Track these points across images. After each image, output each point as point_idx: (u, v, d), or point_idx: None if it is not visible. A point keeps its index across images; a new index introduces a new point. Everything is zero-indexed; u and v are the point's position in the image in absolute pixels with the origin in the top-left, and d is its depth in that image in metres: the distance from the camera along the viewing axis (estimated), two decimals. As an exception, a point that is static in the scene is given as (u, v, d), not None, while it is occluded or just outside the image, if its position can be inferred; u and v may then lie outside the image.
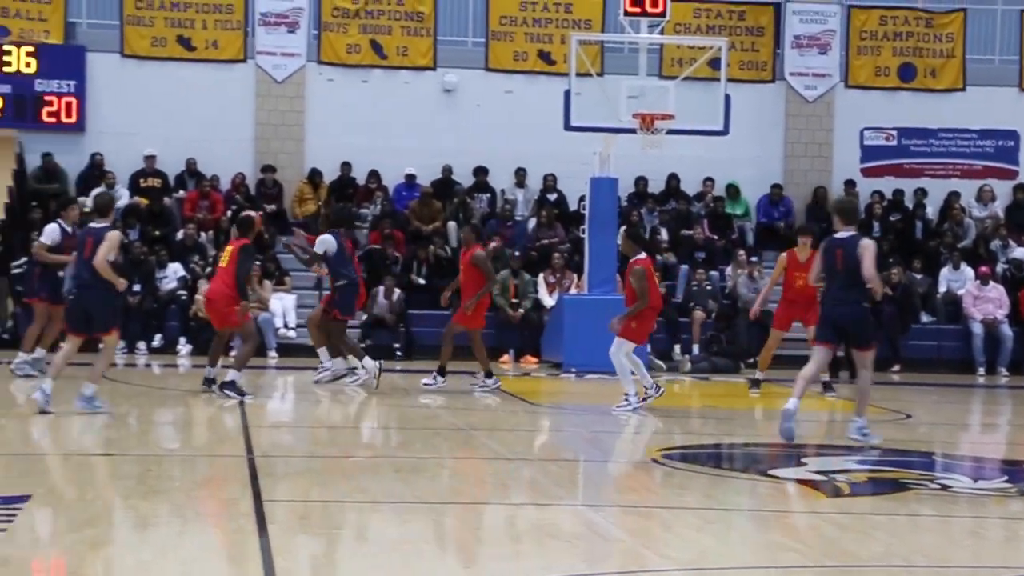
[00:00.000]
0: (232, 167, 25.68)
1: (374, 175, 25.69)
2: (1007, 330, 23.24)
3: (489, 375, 17.22)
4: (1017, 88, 26.99)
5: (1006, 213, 26.27)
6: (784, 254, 17.71)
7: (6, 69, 25.08)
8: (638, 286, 14.62)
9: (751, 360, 22.59)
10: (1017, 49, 27.06)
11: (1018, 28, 27.03)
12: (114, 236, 13.56)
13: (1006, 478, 11.67)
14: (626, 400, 14.77)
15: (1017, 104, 26.92)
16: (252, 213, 17.39)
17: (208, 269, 22.28)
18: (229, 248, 15.80)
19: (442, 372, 17.13)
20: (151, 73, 25.90)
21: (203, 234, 24.35)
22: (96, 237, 13.41)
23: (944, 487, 10.85)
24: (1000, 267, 24.78)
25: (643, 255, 15.05)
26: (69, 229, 16.63)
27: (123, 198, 24.38)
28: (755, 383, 18.10)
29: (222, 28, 26.13)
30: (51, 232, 16.87)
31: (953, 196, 26.28)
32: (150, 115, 25.54)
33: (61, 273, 16.96)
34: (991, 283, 23.68)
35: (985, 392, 20.94)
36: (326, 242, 17.05)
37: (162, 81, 25.80)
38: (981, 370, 23.03)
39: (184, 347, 22.50)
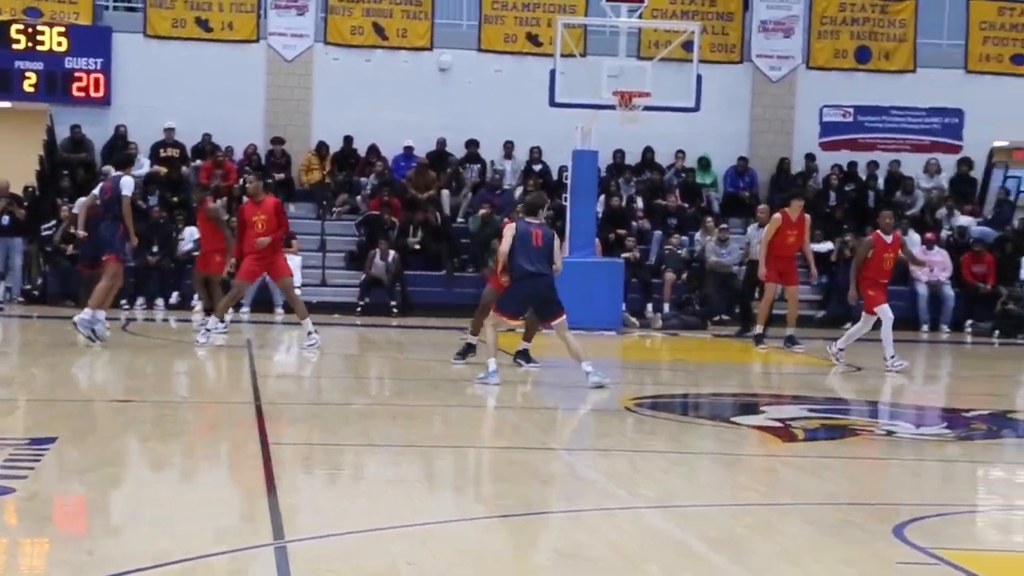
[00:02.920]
0: (245, 139, 25.58)
1: (374, 148, 25.64)
2: (949, 291, 23.29)
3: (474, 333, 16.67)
4: (963, 70, 26.93)
5: (950, 184, 26.27)
6: (778, 214, 17.76)
7: (39, 48, 25.00)
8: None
9: (717, 318, 22.68)
10: (963, 34, 26.97)
11: (964, 14, 26.94)
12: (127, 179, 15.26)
13: (945, 424, 11.73)
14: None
15: (962, 84, 26.85)
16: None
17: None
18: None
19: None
20: (172, 52, 25.76)
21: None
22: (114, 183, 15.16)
23: (889, 433, 10.92)
24: (944, 233, 24.80)
25: None
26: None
27: (144, 166, 24.31)
28: (759, 338, 18.12)
29: (237, 11, 25.99)
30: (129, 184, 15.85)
31: (900, 167, 26.25)
32: (170, 91, 25.39)
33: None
34: (936, 248, 23.73)
35: (928, 347, 20.98)
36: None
37: (181, 60, 25.66)
38: (925, 327, 23.09)
39: (199, 303, 22.41)
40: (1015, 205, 26.23)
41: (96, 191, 16.20)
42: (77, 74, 25.18)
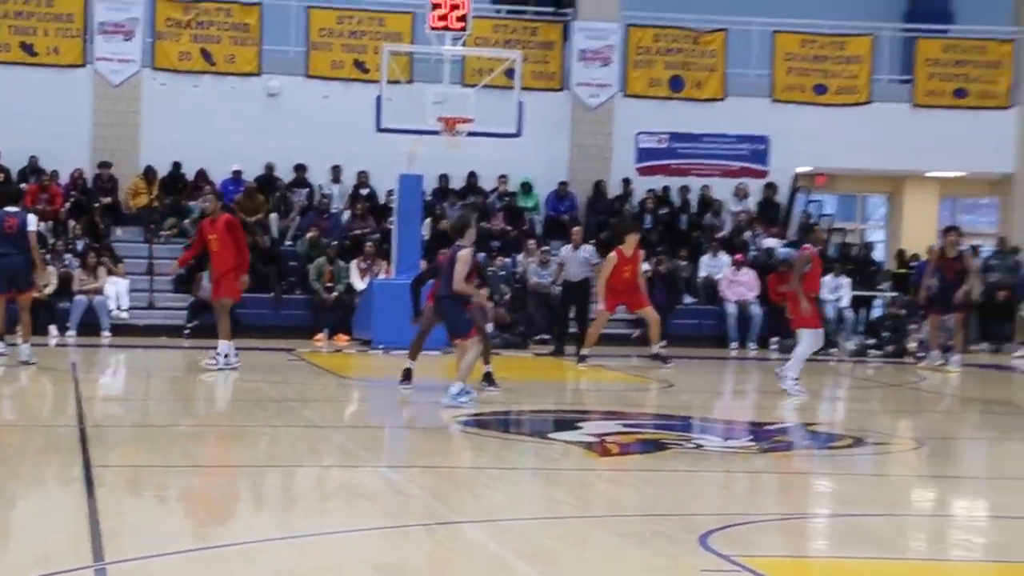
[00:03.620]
0: (71, 163, 25.01)
1: (203, 172, 25.31)
2: (757, 309, 23.82)
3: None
4: (769, 98, 27.59)
5: (758, 208, 26.87)
6: (613, 253, 18.39)
7: None
8: None
9: (537, 337, 22.88)
10: (770, 64, 27.65)
11: (770, 46, 27.61)
12: None
13: (751, 437, 11.98)
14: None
15: (769, 113, 27.48)
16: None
17: (48, 255, 21.74)
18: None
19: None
20: (-3, 76, 25.18)
21: (42, 224, 23.68)
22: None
23: (699, 446, 11.13)
24: (752, 254, 25.37)
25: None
26: None
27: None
28: (582, 358, 18.45)
29: (63, 36, 25.44)
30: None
31: (711, 191, 26.78)
32: (-4, 115, 24.81)
33: None
34: (744, 268, 24.27)
35: (737, 364, 21.43)
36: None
37: (6, 84, 25.01)
38: (734, 344, 23.60)
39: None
40: (814, 227, 26.90)
41: None
42: (-99, 98, 24.38)
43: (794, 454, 11.08)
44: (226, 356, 16.08)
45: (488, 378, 14.36)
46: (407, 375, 14.17)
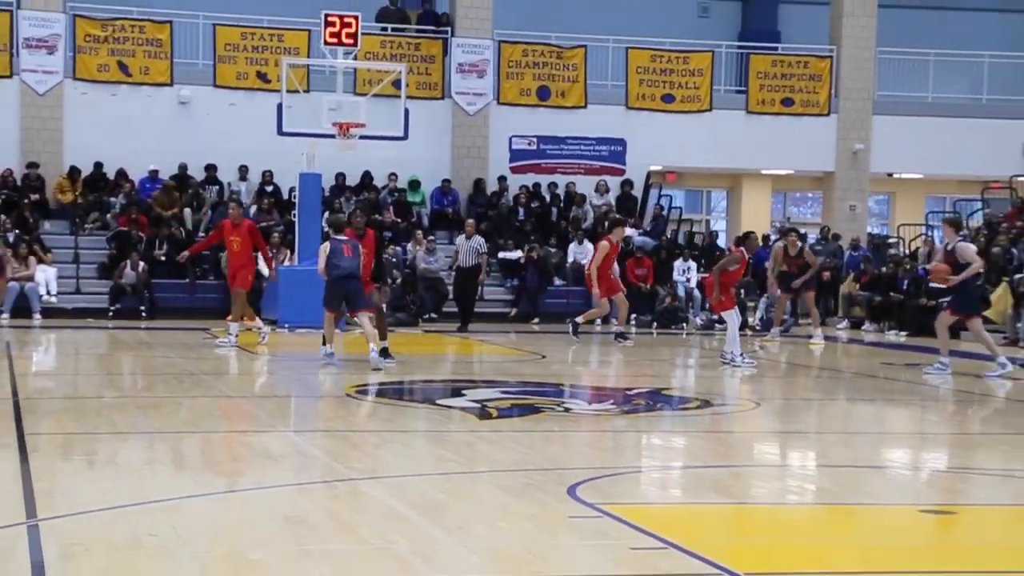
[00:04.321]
0: (1, 163, 24.44)
1: (123, 171, 24.86)
2: (618, 290, 23.99)
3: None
4: (624, 106, 27.77)
5: (616, 201, 27.04)
6: (605, 241, 18.44)
7: None
8: None
9: (427, 316, 22.83)
10: (624, 76, 27.83)
11: (624, 60, 27.78)
12: None
13: (612, 401, 12.09)
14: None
15: (624, 119, 27.64)
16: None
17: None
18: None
19: None
20: (-70, 85, 24.48)
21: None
22: None
23: (568, 409, 11.20)
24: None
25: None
26: None
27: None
28: (620, 335, 18.73)
29: (-9, 48, 24.84)
30: None
31: (576, 187, 26.92)
32: (-70, 121, 24.13)
33: None
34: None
35: (601, 338, 21.59)
36: None
37: (-62, 92, 24.39)
38: (598, 321, 23.68)
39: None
40: (668, 219, 27.28)
41: None
42: None
43: (651, 415, 11.19)
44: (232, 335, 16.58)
45: (385, 352, 14.31)
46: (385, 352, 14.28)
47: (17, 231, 22.79)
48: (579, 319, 18.79)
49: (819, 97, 28.51)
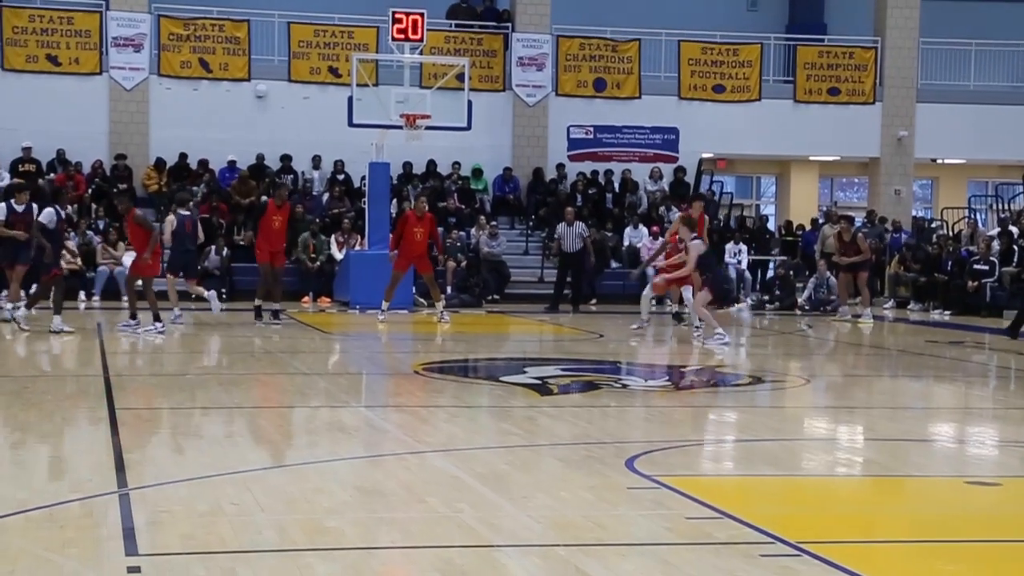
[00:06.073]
0: (92, 155, 24.79)
1: (203, 162, 25.09)
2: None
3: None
4: (677, 97, 27.56)
5: (670, 187, 26.89)
6: (696, 240, 17.86)
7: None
8: None
9: (490, 297, 22.83)
10: (677, 68, 27.62)
11: (677, 52, 27.58)
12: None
13: (667, 378, 12.02)
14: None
15: (677, 108, 27.45)
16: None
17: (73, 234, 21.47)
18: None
19: None
20: (26, 83, 24.83)
21: (69, 207, 23.34)
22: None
23: (625, 386, 11.15)
24: (666, 227, 25.31)
25: None
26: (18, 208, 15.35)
27: (4, 179, 23.27)
28: (677, 315, 18.49)
29: (82, 48, 25.11)
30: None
31: (631, 175, 26.77)
32: (26, 116, 24.48)
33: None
34: (659, 239, 24.20)
35: (656, 318, 21.45)
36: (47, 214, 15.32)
37: (35, 89, 24.74)
38: (654, 303, 23.50)
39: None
40: (719, 204, 27.06)
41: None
42: (-57, 101, 23.93)
43: (704, 391, 11.11)
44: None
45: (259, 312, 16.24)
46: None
47: (107, 219, 23.10)
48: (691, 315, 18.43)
49: (864, 86, 28.11)
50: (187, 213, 17.13)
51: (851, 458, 7.93)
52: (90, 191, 24.01)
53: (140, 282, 16.07)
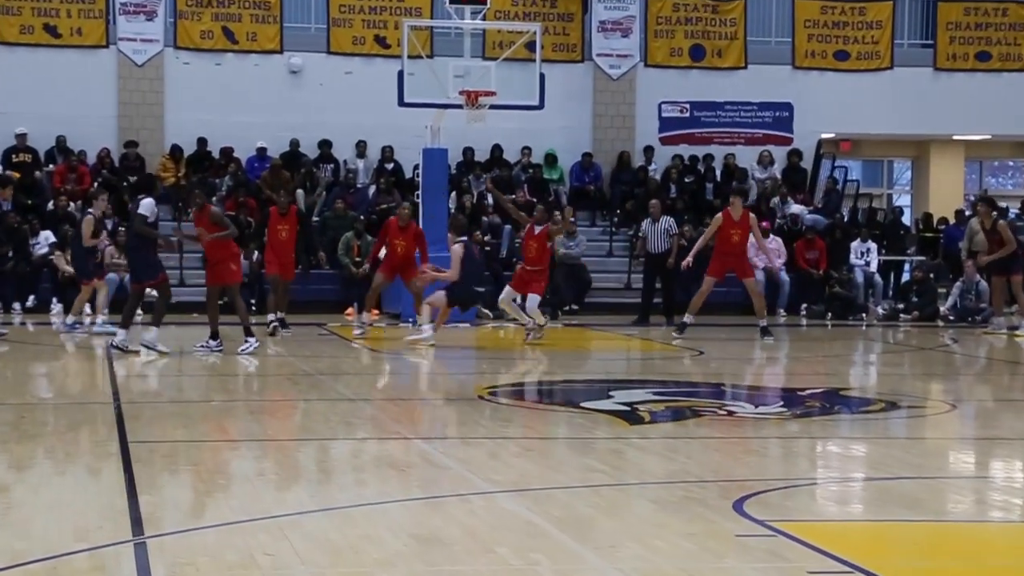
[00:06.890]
0: (98, 143, 25.17)
1: (228, 150, 25.37)
2: (784, 276, 23.67)
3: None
4: (791, 66, 27.46)
5: (783, 175, 26.76)
6: (720, 214, 18.24)
7: None
8: None
9: (567, 307, 22.84)
10: (790, 31, 27.49)
11: (791, 13, 27.46)
12: None
13: (782, 403, 11.93)
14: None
15: (791, 80, 27.38)
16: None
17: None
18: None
19: None
20: (20, 58, 25.29)
21: (72, 204, 23.78)
22: None
23: (730, 413, 11.10)
24: (778, 221, 25.26)
25: None
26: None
27: (-7, 172, 23.80)
28: (682, 327, 18.30)
29: (85, 16, 25.51)
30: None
31: (736, 160, 26.67)
32: (21, 97, 24.94)
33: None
34: (771, 236, 24.11)
35: (744, 330, 21.34)
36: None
37: (31, 65, 25.18)
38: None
39: (56, 307, 21.94)
40: (843, 194, 26.86)
41: None
42: (-74, 82, 24.47)
43: (827, 419, 11.02)
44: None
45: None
46: None
47: (116, 217, 23.37)
48: (763, 322, 18.34)
49: (1022, 49, 27.77)
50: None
51: (1008, 500, 7.84)
52: (95, 185, 24.31)
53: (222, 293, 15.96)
